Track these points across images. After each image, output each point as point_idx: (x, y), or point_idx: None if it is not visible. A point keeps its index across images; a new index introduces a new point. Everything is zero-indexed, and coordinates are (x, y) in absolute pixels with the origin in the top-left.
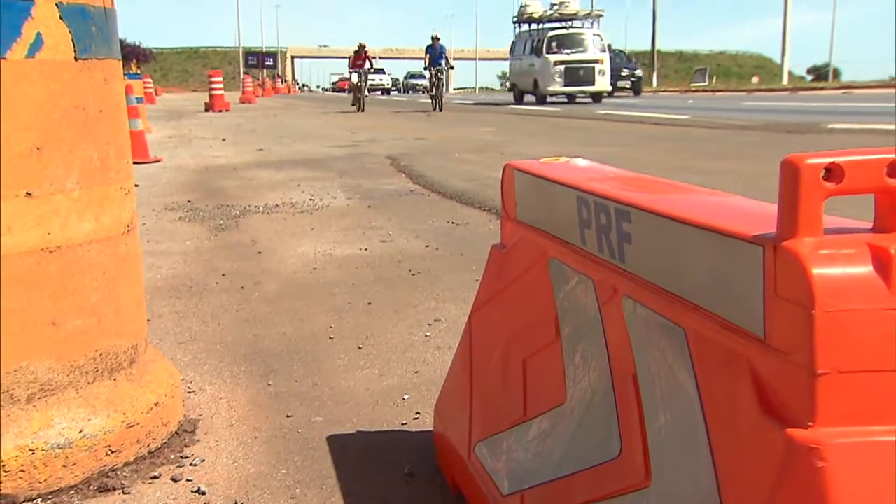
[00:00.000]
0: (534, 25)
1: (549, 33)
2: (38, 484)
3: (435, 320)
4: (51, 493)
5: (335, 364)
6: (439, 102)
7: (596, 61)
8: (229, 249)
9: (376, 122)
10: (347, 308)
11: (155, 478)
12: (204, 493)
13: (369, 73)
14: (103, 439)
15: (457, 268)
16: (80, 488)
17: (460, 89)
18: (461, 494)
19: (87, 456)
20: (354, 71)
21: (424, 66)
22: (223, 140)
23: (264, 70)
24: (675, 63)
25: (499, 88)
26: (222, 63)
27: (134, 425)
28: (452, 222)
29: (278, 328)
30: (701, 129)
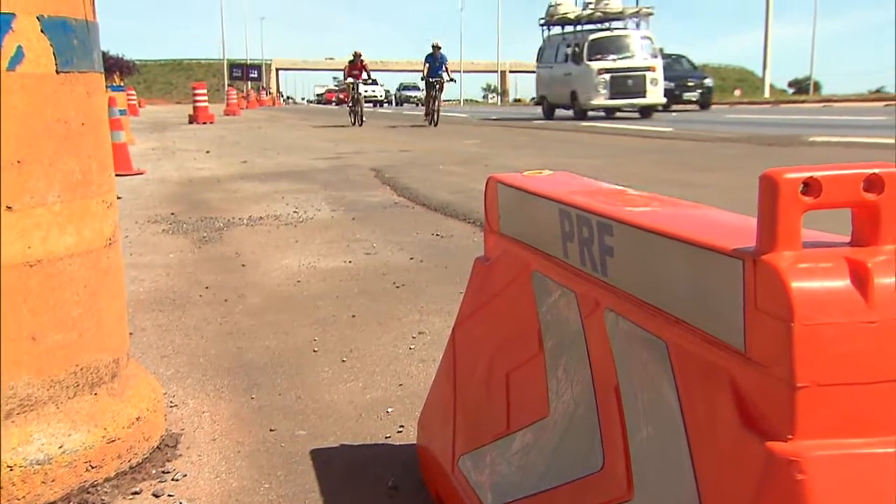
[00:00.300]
0: (568, 28)
1: (590, 37)
2: (17, 501)
3: (419, 333)
4: None
5: (319, 377)
6: (435, 117)
7: (647, 69)
8: (213, 262)
9: (362, 134)
10: (331, 321)
11: (136, 493)
12: None
13: (367, 83)
14: (83, 454)
15: (441, 280)
16: None
17: (444, 101)
18: None
19: (67, 472)
20: (350, 82)
21: (422, 77)
22: (207, 152)
23: (249, 82)
24: None
25: (482, 101)
26: (206, 75)
27: (115, 440)
28: (437, 234)
29: (262, 341)
30: (685, 141)
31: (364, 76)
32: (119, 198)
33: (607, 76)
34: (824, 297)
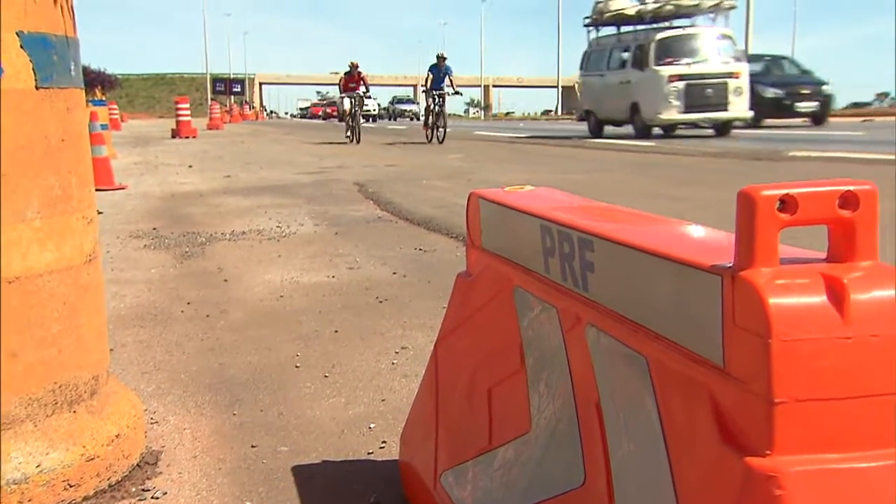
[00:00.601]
0: (625, 29)
1: (658, 36)
2: None
3: (402, 348)
4: None
5: (301, 393)
6: (439, 132)
7: (730, 74)
8: (195, 277)
9: (353, 149)
10: (314, 336)
11: None
12: None
13: (364, 96)
14: (62, 473)
15: (424, 295)
16: None
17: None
18: None
19: (45, 491)
20: (346, 95)
21: (424, 89)
22: (190, 167)
23: (232, 96)
24: None
25: (464, 115)
26: (189, 89)
27: (94, 458)
28: (420, 249)
29: (244, 357)
30: (667, 155)
31: (362, 89)
32: (100, 213)
33: (681, 84)
34: (801, 313)
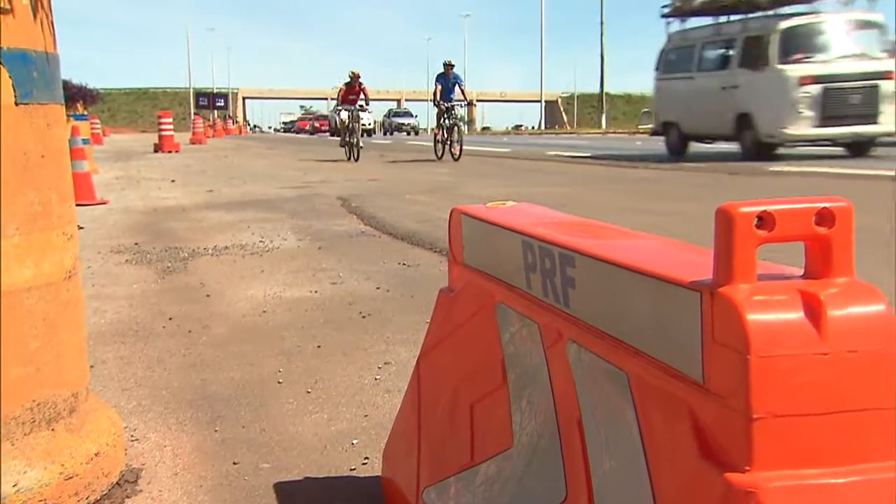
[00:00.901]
0: (722, 18)
1: (782, 25)
2: None
3: (385, 363)
4: None
5: (283, 409)
6: (453, 149)
7: (881, 75)
8: (177, 292)
9: (343, 166)
10: (297, 351)
11: None
12: None
13: (364, 109)
14: (39, 492)
15: (407, 310)
16: None
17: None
18: None
19: None
20: (345, 108)
21: (433, 101)
22: (172, 181)
23: (215, 111)
24: (624, 105)
25: None
26: (172, 104)
27: (72, 477)
28: (403, 264)
29: (226, 373)
30: (649, 170)
31: (362, 102)
32: (82, 228)
33: (815, 89)
34: (779, 329)
